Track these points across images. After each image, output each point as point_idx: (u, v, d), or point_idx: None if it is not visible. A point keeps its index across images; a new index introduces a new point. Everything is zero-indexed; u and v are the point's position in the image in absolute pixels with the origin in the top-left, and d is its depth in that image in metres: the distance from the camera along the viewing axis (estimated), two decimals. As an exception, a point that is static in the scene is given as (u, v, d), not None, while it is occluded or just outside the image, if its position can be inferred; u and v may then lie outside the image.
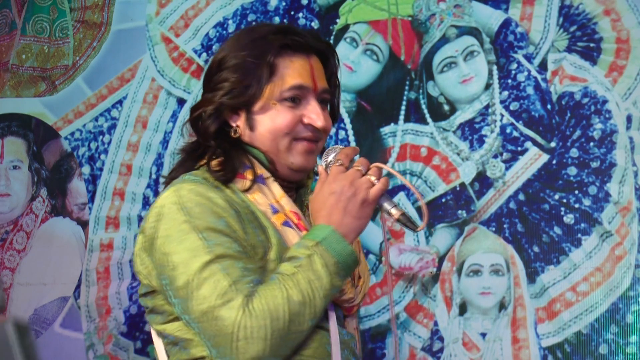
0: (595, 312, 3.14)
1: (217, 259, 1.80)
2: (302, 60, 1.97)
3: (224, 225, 1.84)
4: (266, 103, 1.95)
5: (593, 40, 3.24)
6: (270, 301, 1.77)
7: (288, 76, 1.95)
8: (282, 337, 1.77)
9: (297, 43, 1.97)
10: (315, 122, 1.95)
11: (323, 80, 1.99)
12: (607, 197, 3.16)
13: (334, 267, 1.83)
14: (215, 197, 1.87)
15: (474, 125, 3.32)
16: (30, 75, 3.82)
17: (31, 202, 3.78)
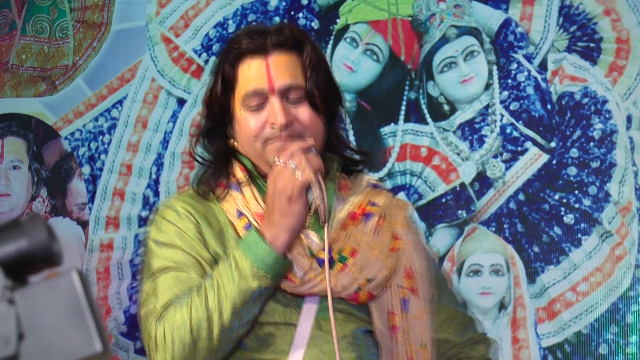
0: (595, 312, 3.14)
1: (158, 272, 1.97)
2: (259, 62, 1.98)
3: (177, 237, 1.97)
4: (236, 112, 2.00)
5: (593, 40, 3.24)
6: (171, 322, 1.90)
7: (244, 83, 1.99)
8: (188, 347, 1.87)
9: (254, 45, 1.98)
10: (275, 120, 1.96)
11: (285, 77, 1.97)
12: (607, 197, 3.16)
13: (248, 269, 1.87)
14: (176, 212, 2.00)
15: (474, 125, 3.32)
16: (30, 75, 3.81)
17: (31, 202, 3.77)
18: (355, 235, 1.99)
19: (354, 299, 1.98)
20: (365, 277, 1.97)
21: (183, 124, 3.60)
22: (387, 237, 2.02)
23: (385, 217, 2.03)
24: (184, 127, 3.59)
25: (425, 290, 2.04)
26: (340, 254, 1.97)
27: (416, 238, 2.08)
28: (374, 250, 1.99)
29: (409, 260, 2.04)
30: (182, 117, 3.60)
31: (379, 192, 2.09)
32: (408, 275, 2.03)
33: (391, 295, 2.01)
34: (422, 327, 2.01)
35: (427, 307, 2.03)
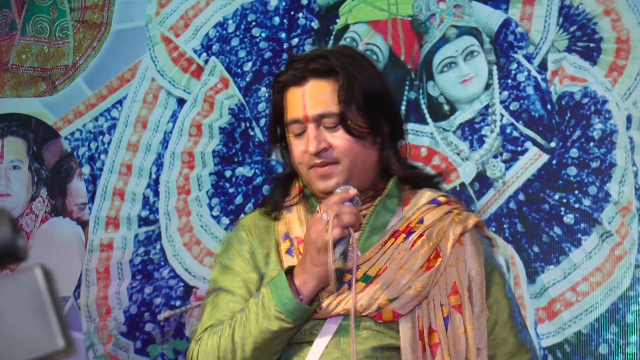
0: (595, 312, 3.14)
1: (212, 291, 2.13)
2: (296, 91, 2.07)
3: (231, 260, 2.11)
4: (288, 139, 2.11)
5: (593, 40, 3.24)
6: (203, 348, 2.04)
7: (286, 112, 2.09)
8: None
9: (294, 76, 2.07)
10: (308, 149, 2.04)
11: (317, 105, 2.04)
12: (607, 197, 3.16)
13: (271, 310, 1.96)
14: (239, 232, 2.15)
15: (474, 125, 3.32)
16: (30, 75, 3.81)
17: (31, 202, 3.77)
18: (392, 253, 2.03)
19: (378, 318, 2.02)
20: (387, 296, 2.00)
21: (183, 124, 3.60)
22: (423, 255, 2.04)
23: (423, 234, 2.05)
24: (184, 127, 3.59)
25: (475, 305, 2.06)
26: (366, 274, 2.02)
27: (473, 253, 2.08)
28: (402, 269, 2.02)
29: (457, 276, 2.05)
30: (182, 117, 3.61)
31: (436, 208, 2.09)
32: (453, 292, 2.05)
33: (429, 312, 2.03)
34: (466, 344, 2.03)
35: (473, 324, 2.04)
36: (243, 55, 3.54)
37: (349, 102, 2.04)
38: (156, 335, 3.55)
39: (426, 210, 2.08)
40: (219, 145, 3.55)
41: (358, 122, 2.05)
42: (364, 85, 2.08)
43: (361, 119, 2.05)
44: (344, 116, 2.04)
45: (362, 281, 2.01)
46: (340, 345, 2.01)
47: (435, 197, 2.11)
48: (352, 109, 2.04)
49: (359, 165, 2.05)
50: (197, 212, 3.55)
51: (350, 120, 2.04)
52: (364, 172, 2.06)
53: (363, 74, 2.09)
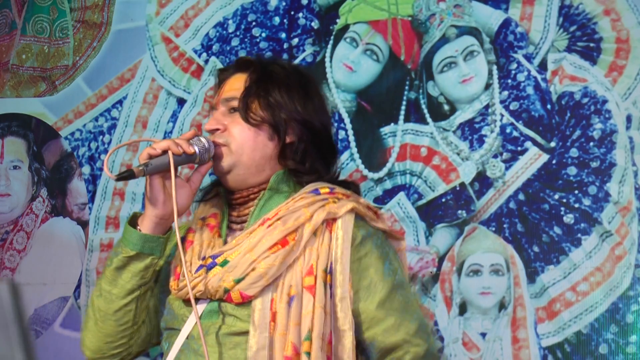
0: (595, 311, 3.14)
1: None
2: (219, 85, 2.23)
3: None
4: None
5: (593, 40, 3.24)
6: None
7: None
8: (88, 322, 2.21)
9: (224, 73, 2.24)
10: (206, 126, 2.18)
11: (228, 92, 2.18)
12: (607, 197, 3.17)
13: (117, 246, 2.14)
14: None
15: (474, 125, 3.32)
16: (30, 75, 3.81)
17: (31, 202, 3.77)
18: (252, 239, 2.09)
19: (230, 300, 2.06)
20: (232, 278, 2.06)
21: (183, 124, 3.60)
22: (269, 239, 2.07)
23: (281, 219, 2.09)
24: (184, 127, 3.59)
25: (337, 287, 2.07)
26: (225, 259, 2.08)
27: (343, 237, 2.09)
28: (250, 251, 2.07)
29: (316, 259, 2.08)
30: (182, 117, 3.61)
31: (310, 196, 2.12)
32: (309, 273, 2.07)
33: (278, 294, 2.06)
34: (310, 323, 2.05)
35: (322, 304, 2.05)
36: (243, 56, 3.50)
37: (253, 90, 2.15)
38: (156, 335, 3.55)
39: (301, 198, 2.12)
40: (219, 145, 3.55)
41: (257, 112, 2.15)
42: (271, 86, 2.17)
43: (262, 112, 2.15)
44: (244, 102, 2.14)
45: (220, 266, 2.08)
46: (203, 331, 2.06)
47: (318, 187, 2.15)
48: (249, 99, 2.15)
49: (247, 152, 2.13)
50: (197, 212, 3.55)
51: (248, 108, 2.14)
52: (253, 162, 2.13)
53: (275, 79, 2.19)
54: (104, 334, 2.18)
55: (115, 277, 2.13)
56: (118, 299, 2.14)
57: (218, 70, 2.28)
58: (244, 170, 2.13)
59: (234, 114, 2.16)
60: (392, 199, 3.37)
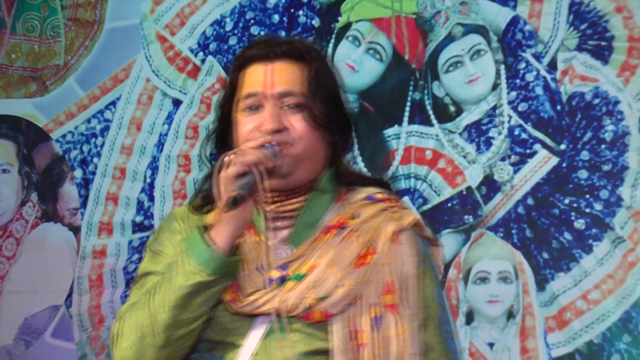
0: (607, 320, 3.15)
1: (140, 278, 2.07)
2: (260, 67, 2.04)
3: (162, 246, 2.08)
4: (234, 119, 2.05)
5: (604, 39, 3.25)
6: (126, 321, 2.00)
7: (243, 87, 2.04)
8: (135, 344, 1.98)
9: (260, 52, 2.04)
10: (265, 125, 1.99)
11: (283, 83, 2.02)
12: (619, 202, 3.17)
13: (188, 265, 1.94)
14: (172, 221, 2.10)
15: (481, 126, 3.32)
16: (20, 75, 3.82)
17: (21, 207, 3.78)
18: (322, 250, 1.99)
19: (308, 318, 1.96)
20: (316, 295, 1.96)
21: (179, 126, 3.61)
22: (354, 251, 1.99)
23: (358, 230, 2.01)
24: (180, 129, 3.60)
25: (409, 308, 2.00)
26: (297, 272, 1.97)
27: (408, 253, 2.03)
28: (333, 266, 1.97)
29: (391, 275, 2.01)
30: (178, 119, 3.61)
31: (371, 204, 2.05)
32: (387, 291, 2.00)
33: (360, 312, 1.98)
34: (399, 346, 1.98)
35: (409, 325, 1.99)
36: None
37: (317, 88, 2.02)
38: (151, 345, 3.54)
39: (361, 206, 2.04)
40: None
41: (321, 111, 2.02)
42: (331, 80, 2.07)
43: (322, 110, 2.03)
44: (310, 100, 2.02)
45: (293, 279, 1.96)
46: (269, 350, 1.96)
47: (372, 194, 2.07)
48: (317, 96, 2.02)
49: (309, 155, 2.02)
50: (194, 217, 3.55)
51: (315, 107, 2.01)
52: (312, 164, 2.03)
53: (329, 70, 2.09)
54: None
55: (186, 302, 1.96)
56: (185, 325, 1.97)
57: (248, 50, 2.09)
58: (303, 173, 2.03)
59: (293, 111, 2.02)
60: (396, 204, 3.36)
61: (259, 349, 1.96)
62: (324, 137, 2.04)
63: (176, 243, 2.05)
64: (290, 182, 2.02)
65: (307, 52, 2.05)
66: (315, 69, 2.03)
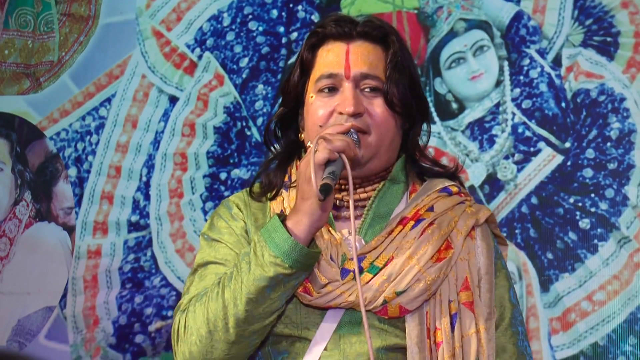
0: (612, 322, 3.14)
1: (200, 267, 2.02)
2: (340, 46, 2.00)
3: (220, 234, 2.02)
4: (307, 99, 2.01)
5: (610, 35, 3.24)
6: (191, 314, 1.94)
7: (320, 66, 2.00)
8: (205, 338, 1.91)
9: (339, 31, 2.00)
10: (344, 108, 1.95)
11: (364, 65, 1.98)
12: (625, 201, 3.17)
13: (265, 256, 1.87)
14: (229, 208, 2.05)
15: (484, 124, 3.32)
16: (13, 71, 3.83)
17: (14, 206, 3.79)
18: (397, 242, 1.95)
19: (383, 313, 1.93)
20: (395, 289, 1.92)
21: (175, 124, 3.61)
22: (433, 246, 1.96)
23: (434, 223, 1.98)
24: (176, 126, 3.60)
25: (484, 306, 1.98)
26: (373, 264, 1.93)
27: (485, 249, 2.01)
28: (410, 260, 1.94)
29: (468, 272, 1.98)
30: (174, 116, 3.61)
31: (448, 197, 2.02)
32: (464, 288, 1.97)
33: (436, 308, 1.95)
34: (474, 345, 1.95)
35: (484, 324, 1.96)
36: (239, 51, 3.55)
37: (397, 75, 1.99)
38: (147, 347, 3.55)
39: (437, 198, 2.01)
40: (214, 146, 3.56)
41: (398, 97, 1.99)
42: (410, 64, 2.04)
43: (401, 96, 1.99)
44: (389, 85, 1.98)
45: (368, 272, 1.92)
46: (340, 345, 1.93)
47: (447, 186, 2.04)
48: (397, 82, 1.99)
49: (386, 142, 1.99)
50: (190, 216, 3.55)
51: (393, 93, 1.98)
52: (387, 152, 2.00)
53: (409, 55, 2.06)
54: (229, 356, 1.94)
55: (263, 295, 1.89)
56: (259, 320, 1.91)
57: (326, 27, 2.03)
58: (379, 161, 2.00)
59: (372, 94, 1.99)
60: (398, 203, 3.36)
61: (329, 344, 1.92)
62: (400, 123, 2.01)
63: (237, 230, 2.01)
64: (365, 171, 1.98)
65: (387, 34, 2.02)
66: (395, 53, 2.00)
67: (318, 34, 2.02)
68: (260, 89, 3.50)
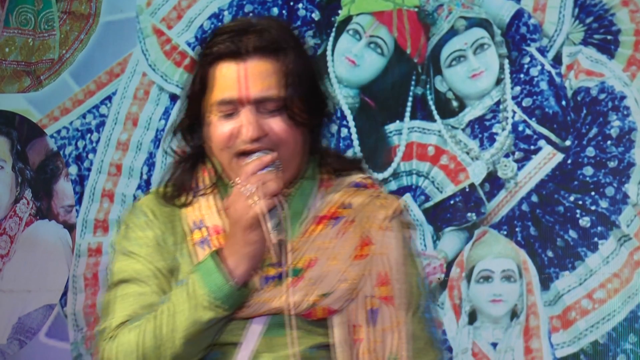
0: (612, 320, 3.14)
1: (118, 283, 1.98)
2: (232, 67, 1.94)
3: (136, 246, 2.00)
4: (207, 115, 1.97)
5: (610, 33, 3.24)
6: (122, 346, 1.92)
7: (216, 90, 1.95)
8: None
9: (230, 49, 1.94)
10: (245, 133, 1.92)
11: (260, 87, 1.92)
12: (625, 199, 3.16)
13: (201, 298, 1.87)
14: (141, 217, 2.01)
15: (484, 122, 3.32)
16: (13, 69, 3.83)
17: (15, 204, 3.79)
18: (318, 242, 1.96)
19: (310, 316, 1.95)
20: (320, 292, 1.93)
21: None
22: (353, 243, 1.97)
23: (354, 220, 1.99)
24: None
25: (403, 299, 1.99)
26: (294, 267, 1.93)
27: (399, 240, 2.02)
28: (333, 260, 1.95)
29: (385, 265, 1.99)
30: (175, 114, 3.60)
31: (359, 191, 2.03)
32: (382, 282, 1.98)
33: (357, 306, 1.96)
34: (394, 339, 1.97)
35: (403, 318, 1.98)
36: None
37: (296, 87, 1.94)
38: (147, 345, 3.55)
39: (349, 193, 2.01)
40: (214, 144, 3.57)
41: (300, 108, 1.95)
42: (308, 68, 1.99)
43: (302, 105, 1.95)
44: (289, 101, 1.93)
45: (291, 275, 1.91)
46: (272, 347, 1.94)
47: (359, 180, 2.04)
48: (297, 94, 1.94)
49: (295, 155, 1.97)
50: (191, 214, 3.55)
51: (294, 107, 1.94)
52: (296, 161, 1.98)
53: (306, 56, 2.01)
54: None
55: (200, 336, 1.91)
56: (194, 355, 1.93)
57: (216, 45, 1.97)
58: (290, 172, 1.98)
59: (272, 114, 1.94)
60: (398, 201, 3.36)
61: (260, 346, 1.94)
62: (305, 130, 1.98)
63: (151, 241, 1.99)
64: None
65: (280, 43, 1.95)
66: (292, 63, 1.94)
67: (210, 55, 1.96)
68: (261, 87, 3.52)
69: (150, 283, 1.96)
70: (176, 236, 1.99)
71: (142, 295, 1.96)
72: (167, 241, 1.99)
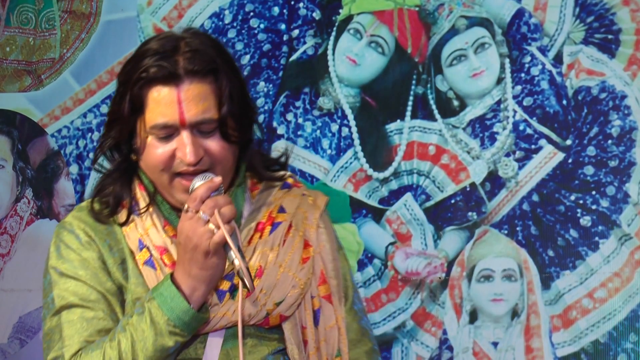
0: (613, 319, 3.15)
1: (62, 309, 1.96)
2: (169, 93, 1.93)
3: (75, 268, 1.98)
4: (142, 134, 1.96)
5: (611, 32, 3.24)
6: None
7: (153, 112, 1.94)
8: None
9: (164, 73, 1.92)
10: (184, 156, 1.92)
11: (197, 110, 1.92)
12: (626, 198, 3.17)
13: (164, 326, 1.88)
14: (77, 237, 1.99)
15: (485, 121, 3.32)
16: (14, 68, 3.82)
17: (15, 203, 3.78)
18: (262, 250, 1.98)
19: (265, 324, 1.99)
20: (274, 300, 1.97)
21: None
22: (298, 249, 2.00)
23: (292, 225, 2.02)
24: None
25: (339, 294, 2.04)
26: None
27: (330, 235, 2.06)
28: (282, 268, 1.98)
29: (323, 264, 2.03)
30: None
31: (290, 192, 2.06)
32: (322, 281, 2.03)
33: (304, 307, 2.01)
34: (336, 335, 2.02)
35: (341, 314, 2.03)
36: (240, 48, 3.55)
37: (230, 106, 1.95)
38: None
39: (282, 197, 2.05)
40: (215, 143, 3.56)
41: (234, 127, 1.97)
42: (239, 84, 2.00)
43: (235, 124, 1.97)
44: (224, 122, 1.94)
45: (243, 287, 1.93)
46: (230, 357, 1.97)
47: (285, 180, 2.08)
48: (232, 114, 1.95)
49: (229, 170, 1.99)
50: (192, 213, 3.55)
51: (229, 127, 1.95)
52: (230, 175, 2.01)
53: (237, 73, 2.02)
54: None
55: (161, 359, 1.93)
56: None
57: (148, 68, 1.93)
58: (226, 181, 2.00)
59: (209, 134, 1.95)
60: (399, 200, 3.37)
61: (220, 358, 1.97)
62: (237, 146, 2.00)
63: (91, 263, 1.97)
64: None
65: (213, 64, 1.94)
66: (226, 83, 1.95)
67: (143, 79, 1.93)
68: (262, 87, 3.50)
69: (98, 307, 1.95)
70: (117, 257, 1.99)
71: (93, 320, 1.95)
72: (107, 262, 1.98)
